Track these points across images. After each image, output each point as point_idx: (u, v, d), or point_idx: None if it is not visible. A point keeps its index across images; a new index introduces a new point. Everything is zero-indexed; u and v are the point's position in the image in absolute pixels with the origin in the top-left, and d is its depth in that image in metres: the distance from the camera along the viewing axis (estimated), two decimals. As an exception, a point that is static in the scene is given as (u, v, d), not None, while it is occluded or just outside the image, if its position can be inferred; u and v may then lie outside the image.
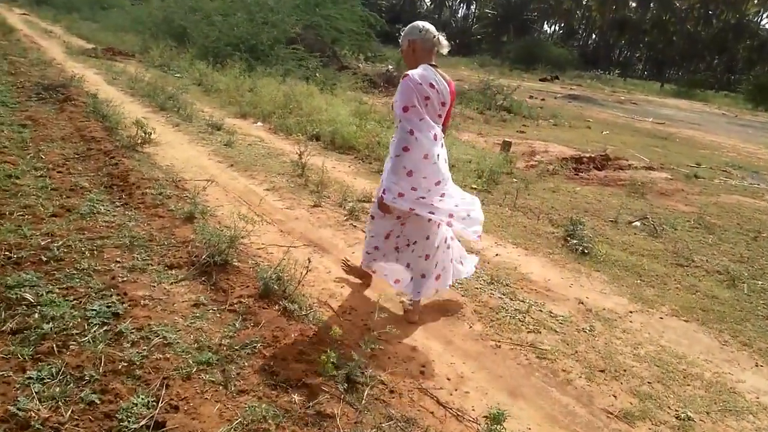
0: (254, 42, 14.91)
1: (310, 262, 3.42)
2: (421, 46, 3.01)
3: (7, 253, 3.38)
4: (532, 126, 13.41)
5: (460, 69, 30.66)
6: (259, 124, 9.01)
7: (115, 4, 29.88)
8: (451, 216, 3.06)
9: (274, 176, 5.97)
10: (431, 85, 2.92)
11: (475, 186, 6.61)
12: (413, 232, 3.28)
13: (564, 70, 38.66)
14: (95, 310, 2.90)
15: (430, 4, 65.44)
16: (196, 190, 4.92)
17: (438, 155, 2.98)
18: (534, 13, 55.78)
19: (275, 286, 3.15)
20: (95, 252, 3.55)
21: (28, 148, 5.75)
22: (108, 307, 2.94)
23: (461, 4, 64.74)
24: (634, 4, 53.26)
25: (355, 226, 4.75)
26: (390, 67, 18.15)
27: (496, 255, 4.55)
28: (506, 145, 9.01)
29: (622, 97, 27.35)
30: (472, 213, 3.18)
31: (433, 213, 3.03)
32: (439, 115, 3.03)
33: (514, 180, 7.27)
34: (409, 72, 2.95)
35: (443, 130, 3.11)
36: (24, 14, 30.01)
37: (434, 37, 2.99)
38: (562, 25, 61.47)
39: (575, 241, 4.87)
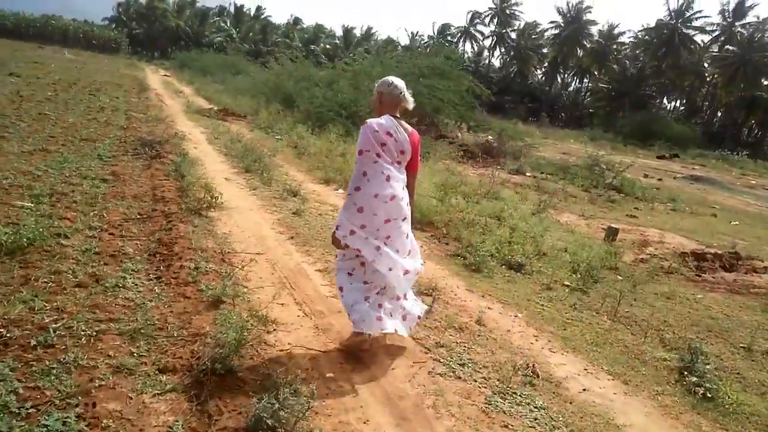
0: (354, 108, 14.95)
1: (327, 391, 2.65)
2: (387, 98, 3.30)
3: (2, 330, 2.96)
4: (646, 210, 11.92)
5: (568, 142, 29.28)
6: (340, 191, 8.59)
7: (244, 70, 32.26)
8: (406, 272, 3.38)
9: (332, 254, 5.35)
10: (389, 134, 3.19)
11: (568, 282, 5.56)
12: (374, 273, 3.38)
13: (685, 148, 35.60)
14: (46, 426, 2.32)
15: (542, 77, 64.81)
16: (237, 267, 4.39)
17: (393, 196, 3.21)
18: (652, 88, 53.01)
19: (270, 422, 2.38)
20: (92, 339, 3.04)
21: (96, 205, 5.62)
22: (63, 423, 2.34)
23: (574, 77, 63.37)
24: (766, 83, 48.95)
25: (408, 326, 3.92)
26: (490, 137, 17.47)
27: (583, 390, 3.47)
28: (612, 233, 7.81)
29: (753, 181, 24.29)
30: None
31: (378, 256, 3.24)
32: (398, 162, 3.28)
33: (619, 278, 6.09)
34: (369, 120, 3.27)
35: (411, 175, 3.40)
36: (166, 75, 33.35)
37: (400, 93, 3.31)
38: (684, 101, 57.83)
39: (694, 379, 3.66)
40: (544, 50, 61.33)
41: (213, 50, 45.68)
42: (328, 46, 59.35)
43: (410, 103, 3.35)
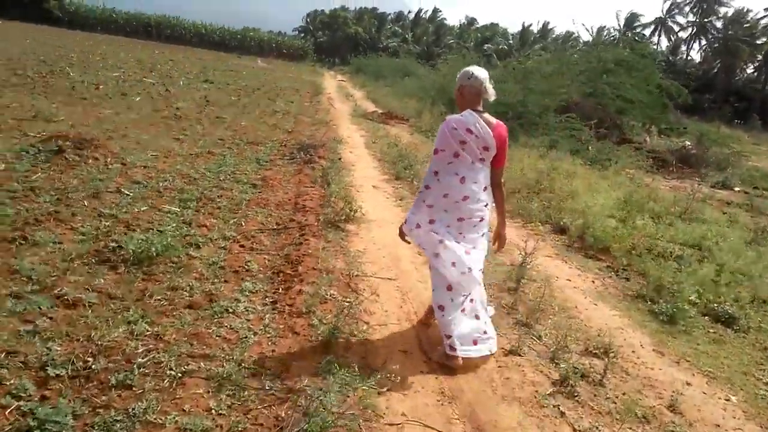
0: (522, 109, 13.72)
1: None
2: (468, 91, 3.10)
3: (88, 360, 2.67)
4: None
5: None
6: (498, 203, 7.62)
7: (414, 72, 32.43)
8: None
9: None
10: (469, 130, 3.00)
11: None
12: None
13: None
14: None
15: (753, 73, 55.48)
16: (362, 295, 3.78)
17: (465, 197, 3.07)
18: None
19: None
20: (175, 383, 2.61)
21: (238, 212, 5.47)
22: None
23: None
24: None
25: (563, 413, 2.88)
26: (687, 142, 14.90)
27: None
28: None
29: None
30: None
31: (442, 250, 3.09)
32: (482, 159, 3.08)
33: None
34: (448, 117, 3.15)
35: (496, 171, 3.19)
36: (341, 80, 34.93)
37: (481, 84, 3.06)
38: None
39: None
40: (759, 41, 52.31)
41: (387, 54, 46.99)
42: (502, 46, 57.60)
43: (491, 95, 3.13)
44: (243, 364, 2.84)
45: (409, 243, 3.40)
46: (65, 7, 42.22)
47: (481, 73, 3.13)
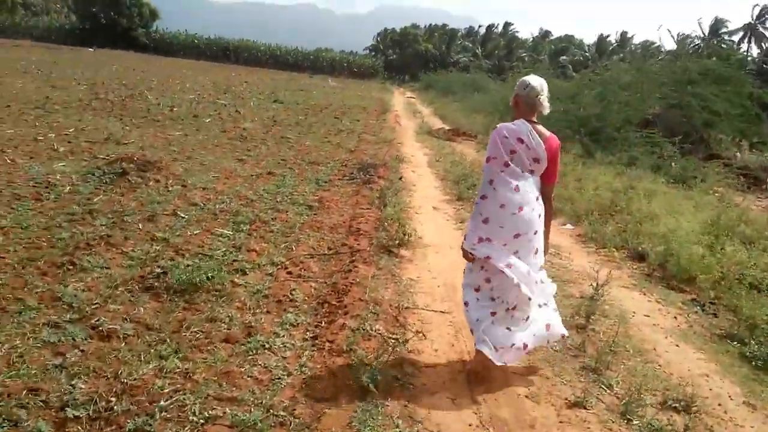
0: (599, 124, 12.94)
1: None
2: (523, 101, 3.03)
3: (111, 400, 2.54)
4: None
5: None
6: (568, 226, 7.09)
7: (484, 87, 31.90)
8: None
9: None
10: (520, 140, 2.93)
11: None
12: (502, 289, 3.05)
13: None
14: None
15: None
16: (411, 331, 3.47)
17: (521, 207, 2.94)
18: None
19: None
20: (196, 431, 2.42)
21: (291, 235, 5.34)
22: None
23: None
24: None
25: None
26: (786, 157, 13.53)
27: None
28: None
29: None
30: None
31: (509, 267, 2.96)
32: (531, 171, 2.99)
33: None
34: (500, 124, 3.09)
35: (547, 186, 3.10)
36: (410, 97, 34.94)
37: (537, 96, 2.99)
38: None
39: None
40: None
41: (457, 70, 46.66)
42: (578, 57, 55.77)
43: (546, 108, 3.06)
44: (272, 410, 2.61)
45: (471, 260, 3.18)
46: (151, 35, 45.17)
47: (537, 84, 3.04)
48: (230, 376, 2.87)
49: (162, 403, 2.55)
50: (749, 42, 54.03)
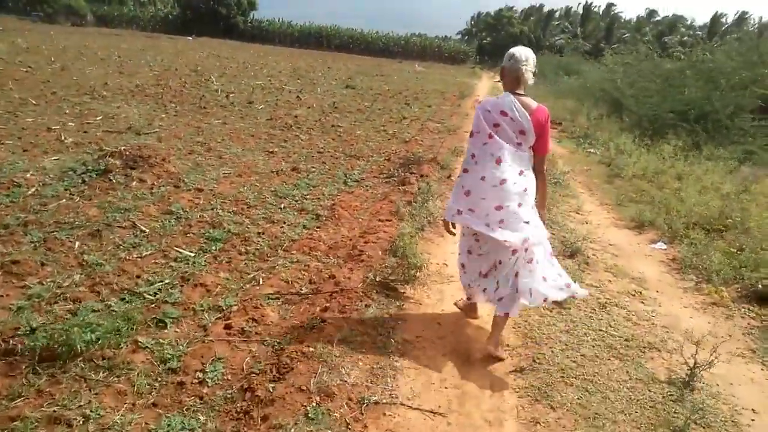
0: (709, 108, 10.30)
1: None
2: (507, 73, 2.91)
3: None
4: None
5: None
6: (660, 245, 5.11)
7: (577, 70, 28.72)
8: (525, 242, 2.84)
9: (603, 420, 2.38)
10: (503, 113, 2.83)
11: None
12: (493, 249, 2.99)
13: None
14: None
15: None
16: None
17: (503, 180, 2.83)
18: None
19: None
20: None
21: (267, 260, 3.95)
22: None
23: None
24: None
25: None
26: None
27: None
28: None
29: None
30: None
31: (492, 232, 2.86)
32: (519, 143, 2.86)
33: None
34: (482, 99, 3.16)
35: (538, 159, 2.94)
36: (498, 81, 32.35)
37: (519, 67, 2.83)
38: None
39: None
40: None
41: (552, 52, 42.91)
42: (686, 38, 49.48)
43: (530, 80, 2.87)
44: None
45: (454, 235, 3.18)
46: (248, 23, 45.59)
47: (521, 55, 2.85)
48: None
49: None
50: None
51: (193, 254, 3.92)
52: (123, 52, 19.65)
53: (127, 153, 5.59)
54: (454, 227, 3.09)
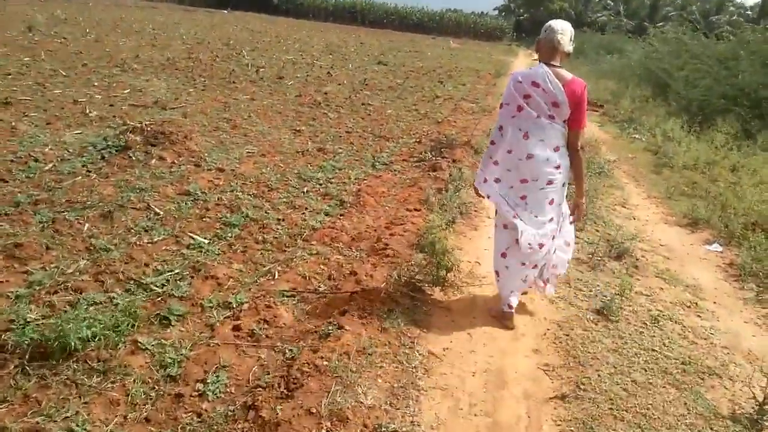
0: (765, 94, 9.46)
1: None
2: (543, 45, 2.78)
3: None
4: None
5: None
6: (716, 247, 4.61)
7: (619, 49, 27.38)
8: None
9: None
10: (535, 84, 2.71)
11: None
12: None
13: None
14: None
15: None
16: None
17: (530, 155, 2.75)
18: None
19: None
20: None
21: (285, 251, 3.65)
22: None
23: None
24: None
25: None
26: None
27: None
28: None
29: None
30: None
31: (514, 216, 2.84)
32: (551, 116, 2.74)
33: None
34: (515, 70, 2.98)
35: (572, 133, 2.79)
36: (536, 60, 31.13)
37: (554, 36, 2.73)
38: None
39: None
40: None
41: (593, 30, 41.08)
42: (735, 17, 46.67)
43: (566, 48, 2.73)
44: None
45: (482, 198, 3.15)
46: (284, -2, 45.09)
47: (557, 25, 2.75)
48: None
49: None
50: None
51: (207, 241, 3.64)
52: (158, 25, 19.50)
53: (149, 129, 5.34)
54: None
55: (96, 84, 8.16)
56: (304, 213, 4.30)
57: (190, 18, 25.88)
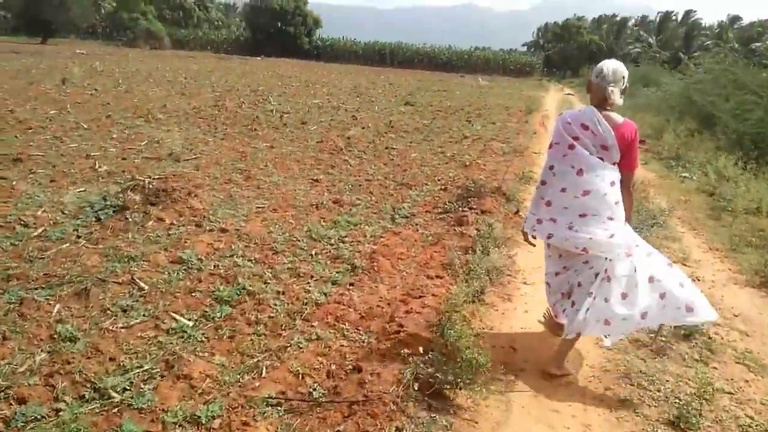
0: None
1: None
2: (594, 89, 2.73)
3: None
4: None
5: None
6: (807, 319, 3.78)
7: (656, 81, 26.40)
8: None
9: None
10: (584, 126, 2.68)
11: None
12: (573, 268, 2.82)
13: None
14: None
15: None
16: None
17: (586, 192, 2.65)
18: None
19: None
20: None
21: (281, 335, 3.06)
22: None
23: None
24: None
25: None
26: None
27: None
28: None
29: None
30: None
31: (578, 245, 2.67)
32: (600, 158, 2.66)
33: None
34: (565, 111, 2.97)
35: (625, 175, 2.70)
36: (569, 94, 30.42)
37: (607, 85, 2.65)
38: None
39: None
40: None
41: (627, 62, 40.16)
42: (778, 44, 44.90)
43: (617, 100, 2.65)
44: None
45: (534, 245, 3.08)
46: (314, 43, 45.87)
47: (610, 71, 2.64)
48: None
49: None
50: None
51: (191, 323, 3.09)
52: (191, 74, 19.82)
53: (151, 186, 4.93)
54: (534, 238, 2.96)
55: (115, 136, 7.95)
56: (308, 282, 3.72)
57: (223, 66, 26.40)
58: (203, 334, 3.00)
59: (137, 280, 3.50)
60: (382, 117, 12.56)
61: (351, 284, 3.74)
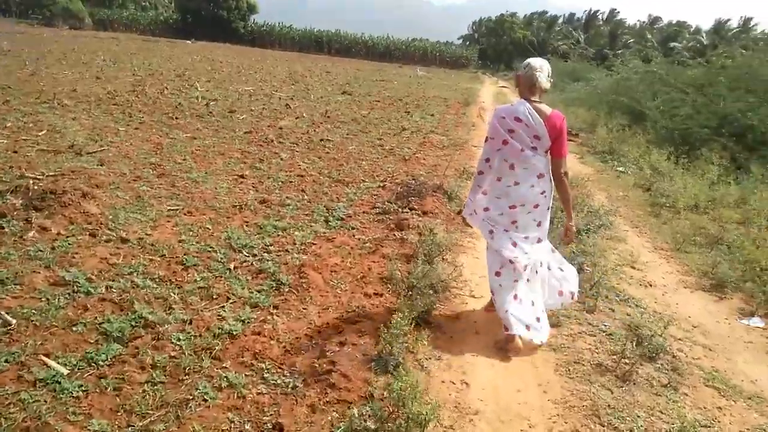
0: (749, 123, 8.68)
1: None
2: (523, 80, 2.93)
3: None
4: None
5: None
6: (755, 321, 3.57)
7: (585, 77, 27.09)
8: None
9: None
10: (517, 119, 2.85)
11: None
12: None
13: None
14: None
15: None
16: None
17: (516, 183, 2.92)
18: None
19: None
20: None
21: (183, 381, 2.43)
22: None
23: None
24: None
25: None
26: None
27: None
28: None
29: None
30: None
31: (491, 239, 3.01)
32: (533, 148, 2.88)
33: None
34: (498, 107, 3.09)
35: (555, 162, 2.92)
36: (503, 86, 30.70)
37: (533, 74, 2.87)
38: None
39: None
40: None
41: (556, 58, 41.17)
42: (692, 44, 47.62)
43: (544, 85, 2.89)
44: None
45: (470, 227, 3.55)
46: (249, 28, 43.88)
47: (536, 63, 2.91)
48: None
49: None
50: None
51: (66, 370, 2.40)
52: (111, 56, 18.13)
53: (36, 188, 4.08)
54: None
55: (9, 125, 6.82)
56: (223, 306, 3.08)
57: (148, 48, 24.53)
58: (81, 386, 2.32)
59: (2, 313, 2.73)
60: (318, 106, 11.85)
61: (275, 307, 3.14)
